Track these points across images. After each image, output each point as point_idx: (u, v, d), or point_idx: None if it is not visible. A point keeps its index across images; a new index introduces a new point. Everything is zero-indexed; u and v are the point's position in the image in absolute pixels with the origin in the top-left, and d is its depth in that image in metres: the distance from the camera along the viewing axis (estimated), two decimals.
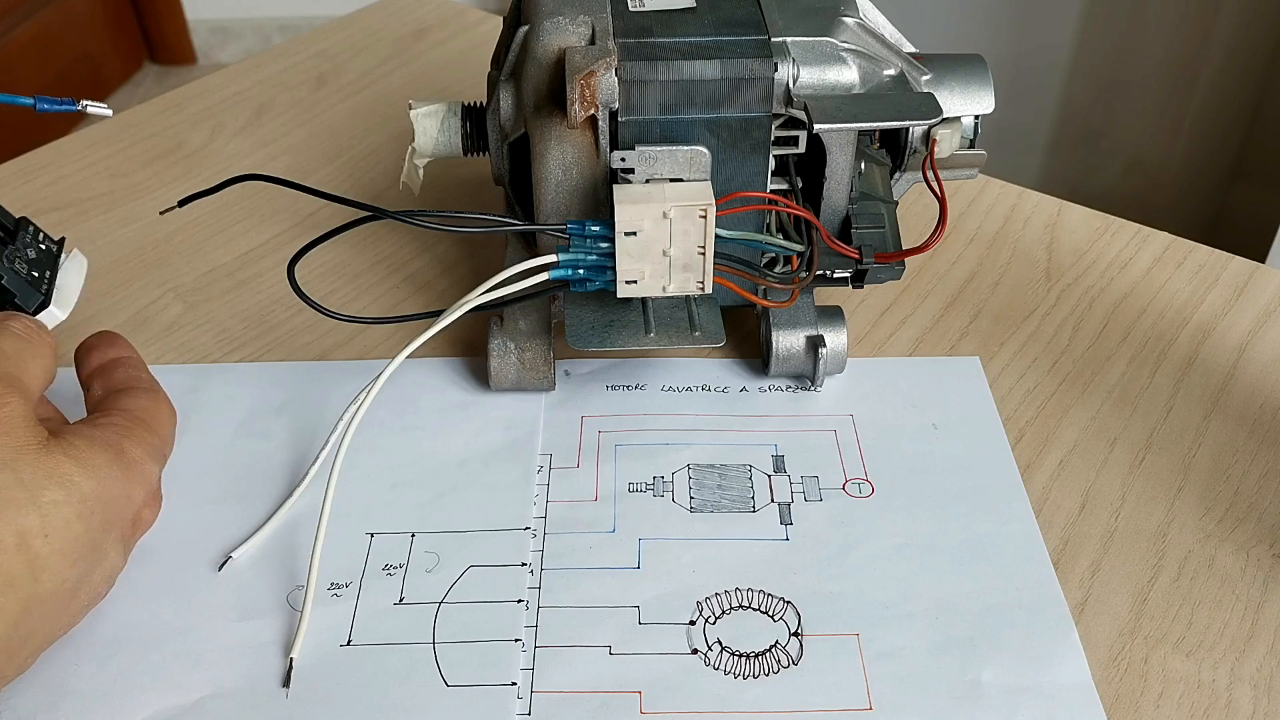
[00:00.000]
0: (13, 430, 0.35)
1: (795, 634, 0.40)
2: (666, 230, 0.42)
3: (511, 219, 0.46)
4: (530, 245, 0.51)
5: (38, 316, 0.45)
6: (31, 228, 0.47)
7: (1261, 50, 1.47)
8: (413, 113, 0.50)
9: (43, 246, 0.47)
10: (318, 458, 0.46)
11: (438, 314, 0.44)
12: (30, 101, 0.43)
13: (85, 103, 0.44)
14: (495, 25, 0.82)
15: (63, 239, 0.48)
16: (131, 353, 0.43)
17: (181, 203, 0.46)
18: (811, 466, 0.46)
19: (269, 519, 0.44)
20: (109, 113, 0.46)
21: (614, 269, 0.43)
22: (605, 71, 0.42)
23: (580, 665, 0.39)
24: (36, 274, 0.46)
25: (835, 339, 0.49)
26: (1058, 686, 0.38)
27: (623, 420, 0.49)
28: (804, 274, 0.46)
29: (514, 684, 0.38)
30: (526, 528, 0.44)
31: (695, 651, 0.39)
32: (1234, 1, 1.44)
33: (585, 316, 0.47)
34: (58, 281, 0.46)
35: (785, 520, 0.44)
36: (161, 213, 0.48)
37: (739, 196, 0.45)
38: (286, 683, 0.38)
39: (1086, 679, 0.39)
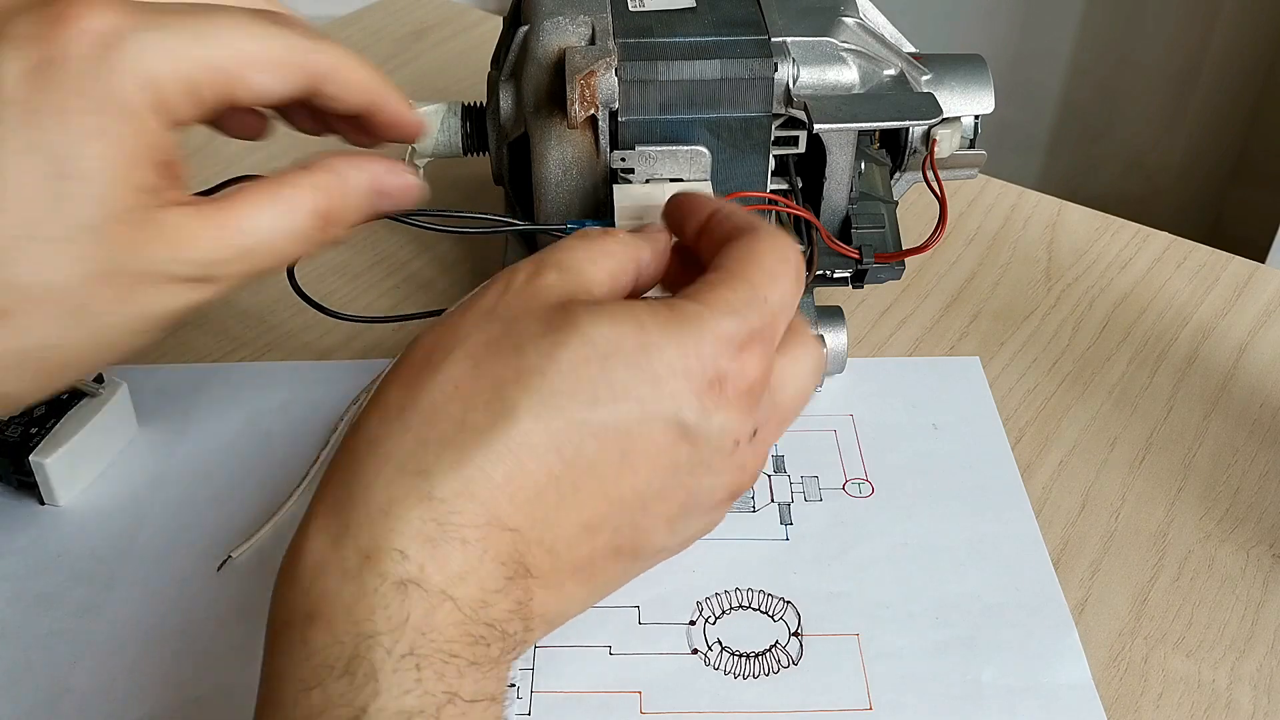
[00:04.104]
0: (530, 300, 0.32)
1: (795, 634, 0.40)
2: None
3: (511, 219, 0.46)
4: (530, 245, 0.51)
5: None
6: None
7: (1262, 50, 1.47)
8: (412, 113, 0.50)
9: None
10: (318, 458, 0.46)
11: (438, 314, 0.44)
12: None
13: None
14: (495, 25, 0.82)
15: None
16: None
17: None
18: (811, 466, 0.46)
19: (269, 519, 0.44)
20: None
21: None
22: (605, 71, 0.42)
23: (580, 665, 0.39)
24: None
25: (835, 339, 0.49)
26: (1058, 686, 0.38)
27: None
28: (804, 274, 0.46)
29: (514, 685, 0.38)
30: None
31: (695, 651, 0.39)
32: (1234, 1, 1.44)
33: None
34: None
35: (785, 520, 0.44)
36: None
37: (739, 196, 0.45)
38: None
39: (1086, 679, 0.39)
